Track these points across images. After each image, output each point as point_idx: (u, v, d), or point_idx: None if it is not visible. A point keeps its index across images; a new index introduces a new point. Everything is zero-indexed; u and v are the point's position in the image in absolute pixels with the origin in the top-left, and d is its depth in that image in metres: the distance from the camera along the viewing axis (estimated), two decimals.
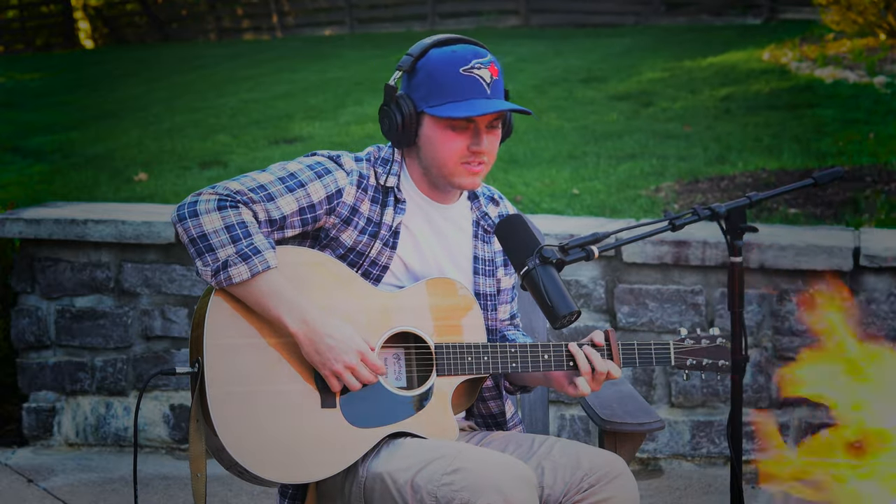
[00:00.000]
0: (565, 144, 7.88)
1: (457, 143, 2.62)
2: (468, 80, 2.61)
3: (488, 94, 2.61)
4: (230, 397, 2.50)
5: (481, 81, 2.61)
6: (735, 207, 2.49)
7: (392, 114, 2.65)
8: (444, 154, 2.63)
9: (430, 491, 2.45)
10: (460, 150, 2.63)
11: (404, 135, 2.65)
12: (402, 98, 2.65)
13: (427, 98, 2.62)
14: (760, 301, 4.38)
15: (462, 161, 2.64)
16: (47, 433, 4.80)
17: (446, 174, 2.65)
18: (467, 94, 2.60)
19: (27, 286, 4.76)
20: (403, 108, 2.64)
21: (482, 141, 2.62)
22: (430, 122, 2.63)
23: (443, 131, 2.62)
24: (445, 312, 2.67)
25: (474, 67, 2.62)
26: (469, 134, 2.63)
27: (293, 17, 21.12)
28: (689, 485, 4.39)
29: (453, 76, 2.61)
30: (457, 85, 2.60)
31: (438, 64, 2.63)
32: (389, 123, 2.66)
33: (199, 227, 2.51)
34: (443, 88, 2.61)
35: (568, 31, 16.45)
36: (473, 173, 2.65)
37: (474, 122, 2.62)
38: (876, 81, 9.49)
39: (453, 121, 2.60)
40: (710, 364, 2.77)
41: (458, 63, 2.61)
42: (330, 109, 10.18)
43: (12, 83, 14.53)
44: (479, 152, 2.63)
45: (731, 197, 5.96)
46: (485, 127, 2.63)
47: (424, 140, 2.66)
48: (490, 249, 2.81)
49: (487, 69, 2.62)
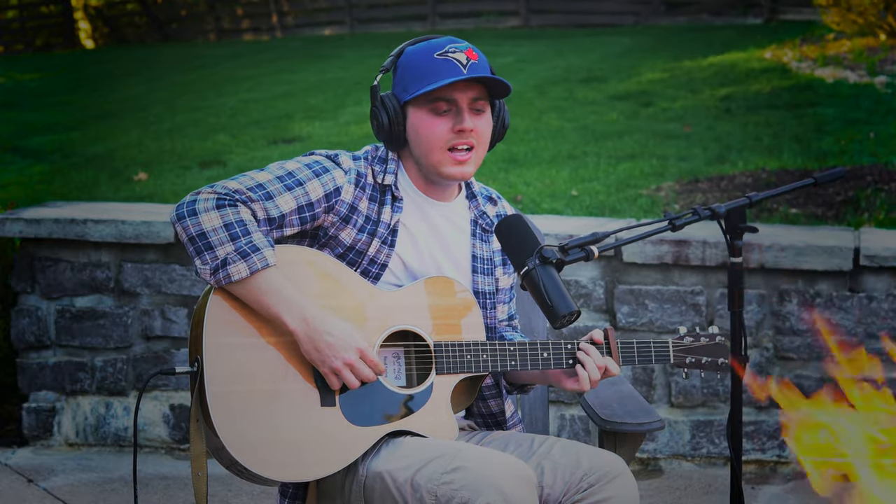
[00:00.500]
0: (565, 144, 7.88)
1: (440, 126, 2.63)
2: (443, 61, 2.62)
3: (464, 74, 2.61)
4: (230, 396, 2.50)
5: (457, 62, 2.61)
6: (735, 207, 2.49)
7: (378, 113, 2.67)
8: (429, 140, 2.63)
9: (429, 490, 2.45)
10: (444, 134, 2.63)
11: (393, 133, 2.67)
12: (387, 96, 2.68)
13: (406, 89, 2.65)
14: (760, 301, 4.38)
15: (448, 146, 2.63)
16: (47, 433, 4.80)
17: (434, 163, 2.65)
18: (444, 75, 2.60)
19: (27, 286, 4.76)
20: (388, 105, 2.66)
21: (464, 119, 2.62)
22: (414, 112, 2.65)
23: (425, 117, 2.63)
24: (444, 311, 2.67)
25: (449, 51, 2.63)
26: (452, 116, 2.63)
27: (293, 17, 21.12)
28: (689, 485, 4.39)
29: (428, 61, 2.62)
30: (432, 68, 2.61)
31: (414, 54, 2.66)
32: (378, 124, 2.68)
33: (197, 225, 2.51)
34: (418, 74, 2.62)
35: (568, 32, 16.45)
36: (460, 162, 2.65)
37: (455, 103, 2.62)
38: (876, 81, 9.49)
39: (433, 103, 2.61)
40: (709, 362, 2.77)
41: (432, 49, 2.64)
42: (330, 109, 10.18)
43: (12, 83, 14.53)
44: (463, 130, 2.62)
45: (731, 197, 5.96)
46: (467, 106, 2.63)
47: (412, 132, 2.66)
48: (488, 248, 2.81)
49: (464, 52, 2.63)
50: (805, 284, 4.35)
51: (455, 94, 2.62)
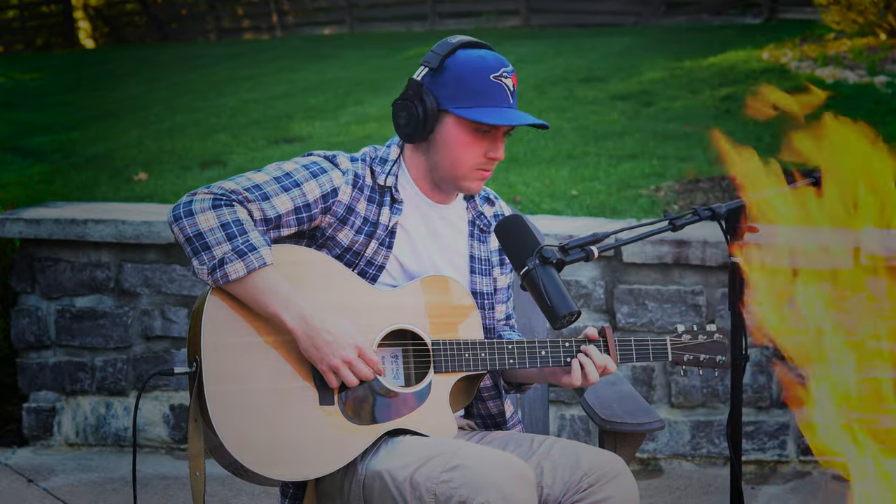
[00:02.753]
0: (565, 144, 7.88)
1: (476, 148, 2.64)
2: (497, 87, 2.62)
3: (511, 103, 2.64)
4: (228, 395, 2.50)
5: (507, 90, 2.63)
6: (735, 207, 2.49)
7: (414, 107, 2.63)
8: (461, 157, 2.64)
9: (428, 488, 2.45)
10: (478, 156, 2.64)
11: (421, 129, 2.64)
12: (427, 93, 2.63)
13: (454, 98, 2.62)
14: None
15: (477, 167, 2.65)
16: (47, 433, 4.80)
17: (458, 176, 2.66)
18: (495, 101, 2.62)
19: (27, 286, 4.76)
20: (427, 102, 2.63)
21: (500, 148, 2.65)
22: (454, 123, 2.64)
23: (465, 134, 2.63)
24: (442, 310, 2.67)
25: (503, 76, 2.63)
26: (488, 140, 2.64)
27: (293, 17, 21.12)
28: (689, 485, 4.39)
29: (483, 81, 2.62)
30: (486, 90, 2.61)
31: (468, 66, 2.63)
32: (408, 116, 2.65)
33: (194, 225, 2.51)
34: (472, 92, 2.61)
35: (568, 31, 16.44)
36: (483, 178, 2.68)
37: (495, 129, 2.63)
38: (876, 81, 9.49)
39: (480, 125, 2.61)
40: (707, 360, 2.77)
41: (488, 69, 2.63)
42: (330, 109, 10.18)
43: (12, 83, 14.53)
44: (496, 159, 2.65)
45: (731, 197, 5.94)
46: (502, 135, 2.65)
47: (441, 139, 2.65)
48: (486, 249, 2.81)
49: (511, 78, 2.65)
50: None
51: (498, 125, 2.63)
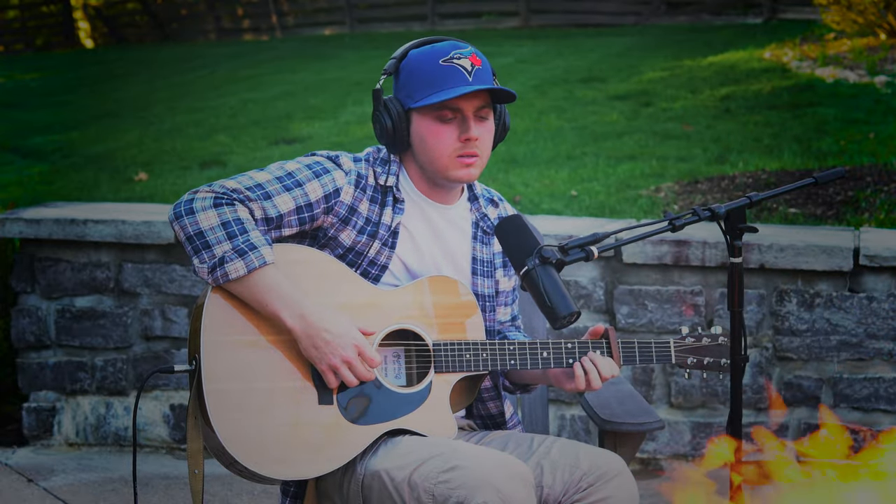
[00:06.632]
0: (565, 145, 7.88)
1: (447, 135, 2.62)
2: (449, 69, 2.61)
3: (470, 82, 2.62)
4: (228, 394, 2.50)
5: (462, 70, 2.61)
6: (735, 208, 2.49)
7: (382, 118, 2.66)
8: (436, 148, 2.63)
9: (426, 489, 2.44)
10: (451, 142, 2.63)
11: (397, 137, 2.66)
12: (390, 100, 2.66)
13: (412, 95, 2.63)
14: (760, 301, 4.38)
15: (455, 154, 2.64)
16: (47, 433, 4.80)
17: (441, 168, 2.65)
18: (449, 83, 2.60)
19: (27, 286, 4.76)
20: (392, 110, 2.65)
21: (471, 127, 2.62)
22: (418, 119, 2.64)
23: (432, 125, 2.63)
24: (444, 310, 2.67)
25: (454, 57, 2.62)
26: (457, 124, 2.63)
27: (293, 18, 21.12)
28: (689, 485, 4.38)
29: (433, 68, 2.61)
30: (438, 75, 2.61)
31: (418, 60, 2.65)
32: (381, 128, 2.67)
33: (195, 224, 2.51)
34: (424, 81, 2.61)
35: (568, 32, 16.45)
36: (467, 165, 2.65)
37: (461, 112, 2.62)
38: (876, 81, 9.49)
39: (439, 111, 2.61)
40: (711, 363, 2.76)
41: (437, 55, 2.63)
42: (330, 109, 10.18)
43: (12, 83, 14.54)
44: (470, 139, 2.62)
45: (731, 197, 5.96)
46: (472, 115, 2.63)
47: (416, 138, 2.66)
48: (489, 251, 2.81)
49: (468, 59, 2.63)
50: (805, 284, 4.35)
51: (461, 104, 2.62)
